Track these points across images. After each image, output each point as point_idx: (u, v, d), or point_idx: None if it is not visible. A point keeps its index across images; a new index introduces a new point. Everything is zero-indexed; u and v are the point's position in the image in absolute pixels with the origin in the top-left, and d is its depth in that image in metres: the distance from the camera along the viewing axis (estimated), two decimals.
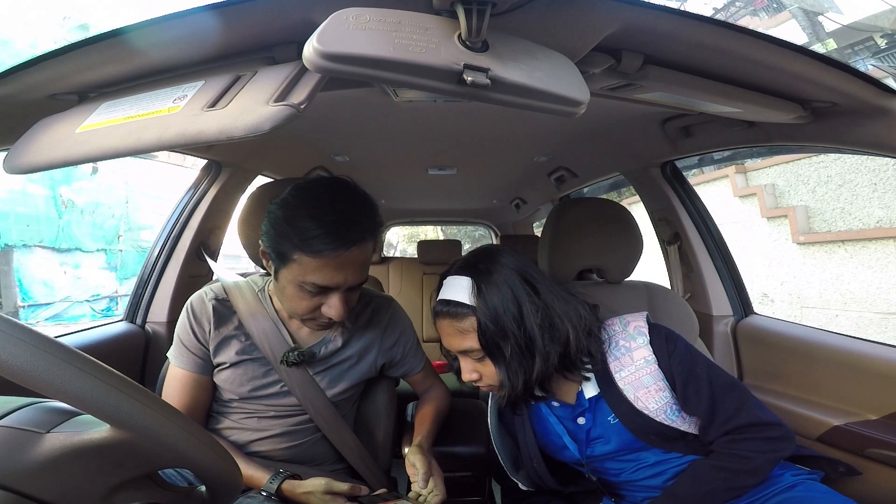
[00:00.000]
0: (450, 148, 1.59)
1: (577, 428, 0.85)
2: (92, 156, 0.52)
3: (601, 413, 0.83)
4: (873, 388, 0.93)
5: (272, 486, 0.82)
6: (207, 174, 1.43)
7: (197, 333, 0.90)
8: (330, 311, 0.83)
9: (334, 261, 0.78)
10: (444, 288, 0.81)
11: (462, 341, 0.78)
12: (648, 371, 0.80)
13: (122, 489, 0.46)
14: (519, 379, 0.77)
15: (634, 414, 0.80)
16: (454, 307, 0.78)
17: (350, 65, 0.44)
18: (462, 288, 0.78)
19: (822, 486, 0.79)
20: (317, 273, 0.78)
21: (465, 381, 0.82)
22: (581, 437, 0.85)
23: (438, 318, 0.81)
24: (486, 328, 0.76)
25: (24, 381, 0.37)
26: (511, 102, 0.51)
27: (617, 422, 0.81)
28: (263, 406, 0.92)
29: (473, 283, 0.78)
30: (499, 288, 0.77)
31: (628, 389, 0.80)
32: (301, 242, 0.76)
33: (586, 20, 0.56)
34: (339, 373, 0.96)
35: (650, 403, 0.79)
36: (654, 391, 0.80)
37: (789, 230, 4.23)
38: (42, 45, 6.37)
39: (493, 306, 0.76)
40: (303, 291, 0.81)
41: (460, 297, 0.78)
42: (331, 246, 0.76)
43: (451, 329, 0.79)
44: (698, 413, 0.78)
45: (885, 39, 6.36)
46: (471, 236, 10.73)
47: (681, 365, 0.79)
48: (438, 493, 0.85)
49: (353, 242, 0.78)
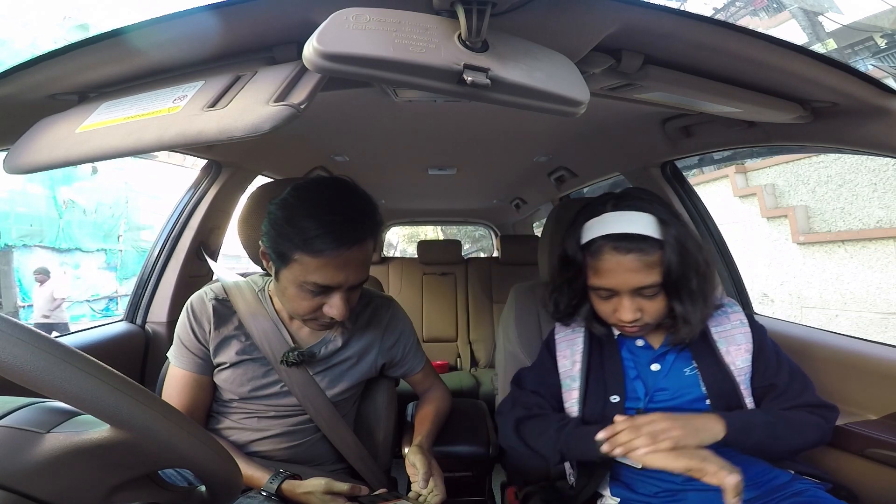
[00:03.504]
0: (450, 148, 1.59)
1: (648, 374, 0.85)
2: (92, 156, 0.52)
3: (679, 362, 0.85)
4: (873, 388, 0.93)
5: (272, 486, 0.82)
6: (207, 174, 1.43)
7: (197, 333, 0.90)
8: (332, 310, 0.82)
9: (335, 260, 0.78)
10: (618, 223, 0.78)
11: (646, 276, 0.77)
12: (742, 331, 0.85)
13: (122, 489, 0.46)
14: (696, 314, 0.80)
15: (718, 367, 0.82)
16: (641, 242, 0.76)
17: (350, 65, 0.44)
18: (646, 222, 0.78)
19: (829, 496, 0.79)
20: (318, 273, 0.78)
21: (627, 320, 0.79)
22: (649, 384, 0.85)
23: (620, 253, 0.77)
24: (671, 262, 0.76)
25: (24, 381, 0.37)
26: (511, 102, 0.51)
27: (694, 373, 0.83)
28: (263, 406, 0.92)
29: (656, 218, 0.78)
30: (678, 221, 0.79)
31: (721, 342, 0.84)
32: (302, 242, 0.76)
33: (586, 20, 0.56)
34: (339, 373, 0.96)
35: (738, 360, 0.83)
36: (743, 351, 0.84)
37: (789, 230, 4.23)
38: (42, 45, 6.37)
39: (680, 240, 0.78)
40: (304, 291, 0.81)
41: (648, 231, 0.77)
42: (332, 245, 0.76)
43: (637, 264, 0.76)
44: (772, 383, 0.82)
45: (885, 39, 6.36)
46: (471, 236, 10.74)
47: (764, 339, 0.86)
48: (438, 493, 0.85)
49: (353, 242, 0.78)
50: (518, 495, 1.10)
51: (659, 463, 0.68)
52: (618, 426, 0.72)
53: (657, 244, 0.77)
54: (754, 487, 0.80)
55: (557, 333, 0.95)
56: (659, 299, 0.80)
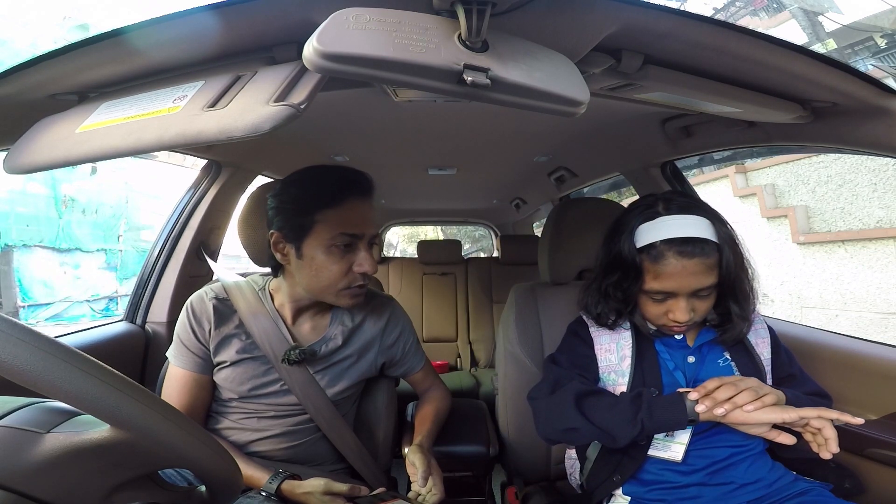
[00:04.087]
0: (450, 148, 1.59)
1: (687, 366, 0.87)
2: (92, 156, 0.52)
3: (713, 353, 0.87)
4: (873, 388, 0.93)
5: (272, 487, 0.82)
6: (207, 174, 1.43)
7: (197, 333, 0.90)
8: (363, 265, 0.86)
9: (356, 207, 0.86)
10: (677, 227, 0.79)
11: (706, 279, 0.79)
12: (762, 326, 0.91)
13: (122, 489, 0.46)
14: (749, 310, 0.84)
15: (749, 358, 0.86)
16: (703, 245, 0.78)
17: (350, 65, 0.44)
18: (704, 225, 0.80)
19: (832, 496, 0.79)
20: (343, 223, 0.84)
21: (682, 321, 0.80)
22: (689, 376, 0.86)
23: (684, 257, 0.78)
24: (729, 263, 0.79)
25: (24, 381, 0.37)
26: (511, 102, 0.51)
27: (727, 364, 0.85)
28: (263, 405, 0.92)
29: (710, 221, 0.81)
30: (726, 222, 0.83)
31: (750, 335, 0.88)
32: (323, 200, 0.83)
33: (586, 20, 0.56)
34: (339, 371, 0.96)
35: (764, 352, 0.88)
36: (766, 343, 0.89)
37: (789, 230, 4.23)
38: (42, 45, 6.37)
39: (731, 239, 0.81)
40: (332, 254, 0.85)
41: (706, 234, 0.79)
42: (350, 192, 0.85)
43: (700, 267, 0.78)
44: (790, 373, 0.88)
45: (885, 39, 6.36)
46: (471, 236, 10.73)
47: (775, 334, 0.92)
48: (437, 492, 0.85)
49: (366, 191, 0.88)
50: (518, 495, 1.10)
51: (768, 417, 0.69)
52: (710, 385, 0.73)
53: (715, 247, 0.79)
54: (763, 486, 0.81)
55: (592, 326, 0.93)
56: (711, 298, 0.82)
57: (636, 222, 0.84)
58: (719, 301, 0.84)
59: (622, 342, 0.89)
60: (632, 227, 0.84)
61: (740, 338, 0.86)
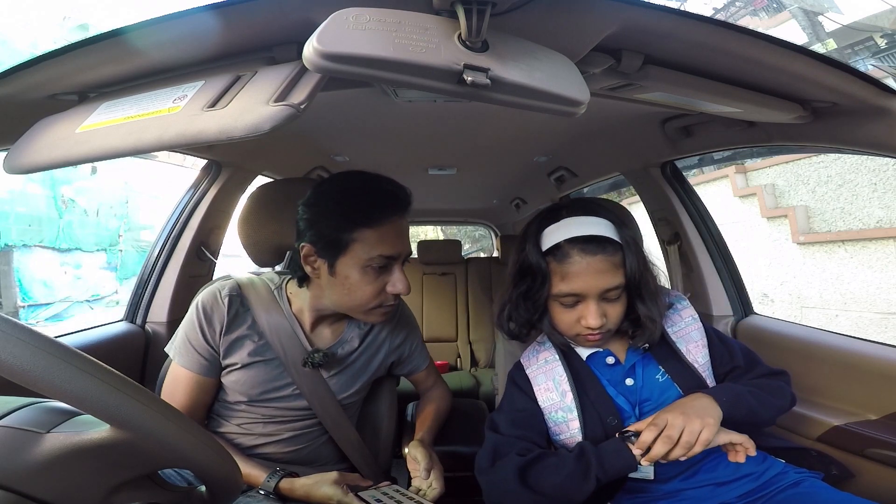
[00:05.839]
0: (450, 148, 1.59)
1: (626, 390, 0.85)
2: (92, 156, 0.52)
3: (649, 370, 0.85)
4: (873, 388, 0.93)
5: (269, 485, 0.82)
6: (207, 174, 1.43)
7: (207, 334, 0.86)
8: (397, 285, 0.84)
9: (395, 228, 0.82)
10: (579, 226, 0.80)
11: (613, 278, 0.79)
12: (696, 327, 0.88)
13: (122, 489, 0.46)
14: (657, 311, 0.82)
15: (684, 367, 0.84)
16: (606, 244, 0.79)
17: (350, 65, 0.44)
18: (604, 226, 0.81)
19: (825, 484, 0.79)
20: (381, 244, 0.81)
21: (593, 326, 0.79)
22: (632, 399, 0.84)
23: (588, 254, 0.78)
24: (632, 262, 0.80)
25: (24, 381, 0.37)
26: (511, 102, 0.51)
27: (665, 378, 0.84)
28: (272, 409, 0.90)
29: (612, 222, 0.82)
30: (628, 225, 0.84)
31: (680, 343, 0.86)
32: (362, 218, 0.80)
33: (586, 20, 0.56)
34: (352, 373, 0.95)
35: (699, 357, 0.85)
36: (700, 346, 0.87)
37: (789, 230, 4.23)
38: (42, 45, 6.37)
39: (634, 241, 0.82)
40: (367, 274, 0.82)
41: (608, 234, 0.80)
42: (390, 213, 0.82)
43: (605, 264, 0.78)
44: (732, 366, 0.86)
45: (885, 39, 6.36)
46: (471, 236, 10.73)
47: (710, 329, 0.90)
48: (437, 486, 0.85)
49: (404, 209, 0.84)
50: None
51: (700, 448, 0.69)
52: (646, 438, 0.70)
53: (618, 246, 0.80)
54: (751, 480, 0.80)
55: (528, 368, 0.90)
56: (621, 303, 0.82)
57: (539, 227, 0.85)
58: (631, 308, 0.83)
59: (557, 378, 0.86)
60: (537, 232, 0.84)
61: (654, 340, 0.84)
